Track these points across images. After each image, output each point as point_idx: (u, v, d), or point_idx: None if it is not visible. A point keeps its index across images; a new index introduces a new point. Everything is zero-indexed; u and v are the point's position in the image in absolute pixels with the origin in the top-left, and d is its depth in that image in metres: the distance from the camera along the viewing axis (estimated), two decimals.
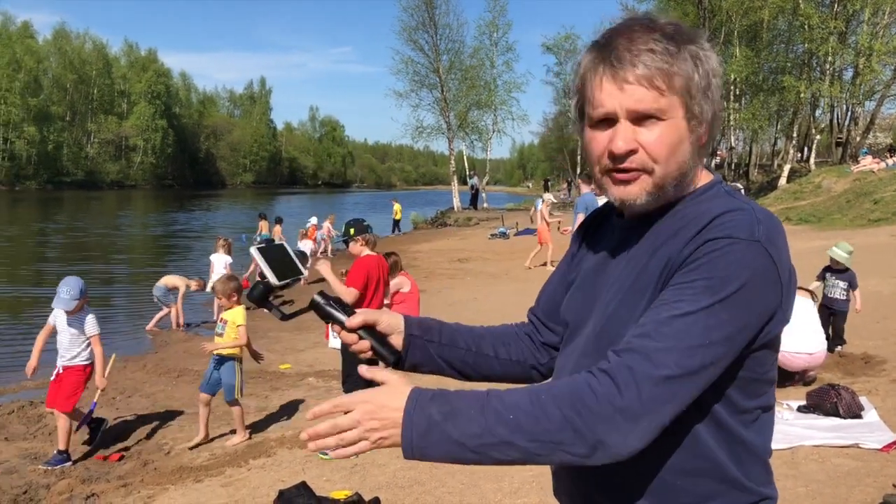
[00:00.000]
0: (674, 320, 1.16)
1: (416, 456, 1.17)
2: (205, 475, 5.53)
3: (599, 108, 1.26)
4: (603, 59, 1.26)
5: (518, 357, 1.63)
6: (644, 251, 1.32)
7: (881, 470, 4.54)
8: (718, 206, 1.25)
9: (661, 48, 1.23)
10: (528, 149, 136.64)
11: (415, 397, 1.19)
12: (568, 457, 1.14)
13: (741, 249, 1.18)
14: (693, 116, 1.27)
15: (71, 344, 6.14)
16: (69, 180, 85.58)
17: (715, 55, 1.29)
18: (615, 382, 1.13)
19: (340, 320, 1.45)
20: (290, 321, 1.64)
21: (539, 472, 4.80)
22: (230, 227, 33.14)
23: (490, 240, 24.98)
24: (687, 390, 1.16)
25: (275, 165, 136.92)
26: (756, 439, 1.31)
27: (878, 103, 32.06)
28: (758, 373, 1.28)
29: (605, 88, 1.25)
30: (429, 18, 42.53)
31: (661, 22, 1.28)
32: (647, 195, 1.28)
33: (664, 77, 1.23)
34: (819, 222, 20.74)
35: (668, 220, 1.32)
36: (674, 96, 1.24)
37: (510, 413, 1.14)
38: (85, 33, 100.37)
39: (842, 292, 7.72)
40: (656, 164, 1.26)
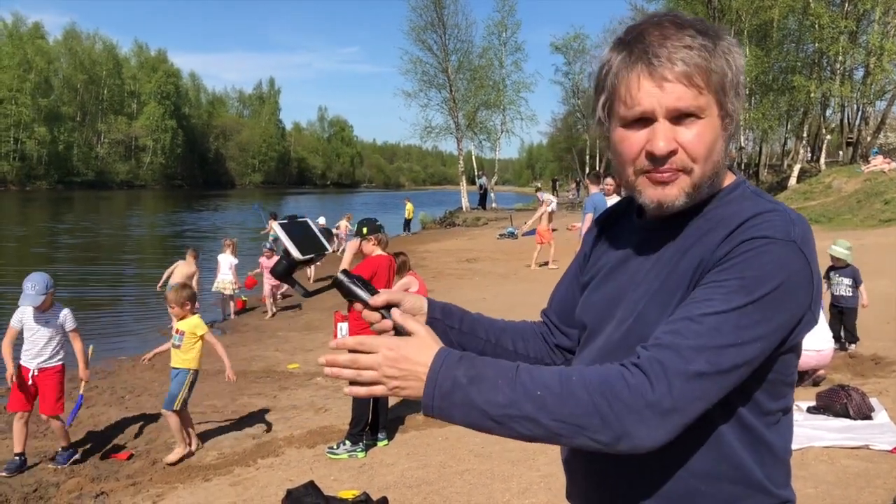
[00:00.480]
0: (706, 318, 1.14)
1: (434, 414, 1.17)
2: (213, 474, 5.55)
3: (636, 106, 1.22)
4: (638, 56, 1.21)
5: (535, 354, 1.61)
6: (674, 252, 1.29)
7: (891, 471, 4.51)
8: (751, 207, 1.24)
9: (697, 44, 1.20)
10: (537, 149, 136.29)
11: (443, 356, 1.19)
12: (589, 442, 1.13)
13: (778, 250, 1.16)
14: (727, 114, 1.25)
15: (46, 343, 5.93)
16: (79, 180, 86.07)
17: (742, 52, 1.27)
18: (647, 376, 1.12)
19: (364, 298, 1.44)
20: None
21: (547, 473, 4.79)
22: (237, 227, 33.23)
23: (499, 240, 24.96)
24: (717, 388, 1.15)
25: (284, 165, 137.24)
26: (778, 441, 1.30)
27: (888, 103, 31.89)
28: (783, 374, 1.27)
29: (644, 86, 1.21)
30: (437, 18, 42.59)
31: (688, 18, 1.25)
32: (685, 196, 1.25)
33: (703, 74, 1.20)
34: (830, 222, 20.64)
35: (697, 221, 1.30)
36: (711, 94, 1.21)
37: (538, 390, 1.13)
38: (95, 34, 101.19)
39: (847, 289, 7.71)
40: (695, 163, 1.23)
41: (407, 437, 6.02)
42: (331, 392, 7.63)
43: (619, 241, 1.45)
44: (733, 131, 1.28)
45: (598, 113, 1.31)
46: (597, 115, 1.32)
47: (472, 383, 1.15)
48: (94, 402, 7.70)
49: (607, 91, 1.27)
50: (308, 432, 6.28)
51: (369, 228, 5.99)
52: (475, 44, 44.96)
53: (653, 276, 1.32)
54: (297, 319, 12.40)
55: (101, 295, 15.70)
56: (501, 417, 1.14)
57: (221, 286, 13.80)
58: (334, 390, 7.64)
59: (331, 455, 5.62)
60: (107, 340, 11.46)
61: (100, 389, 8.16)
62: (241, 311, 14.24)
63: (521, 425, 1.14)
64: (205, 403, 7.53)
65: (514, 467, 4.98)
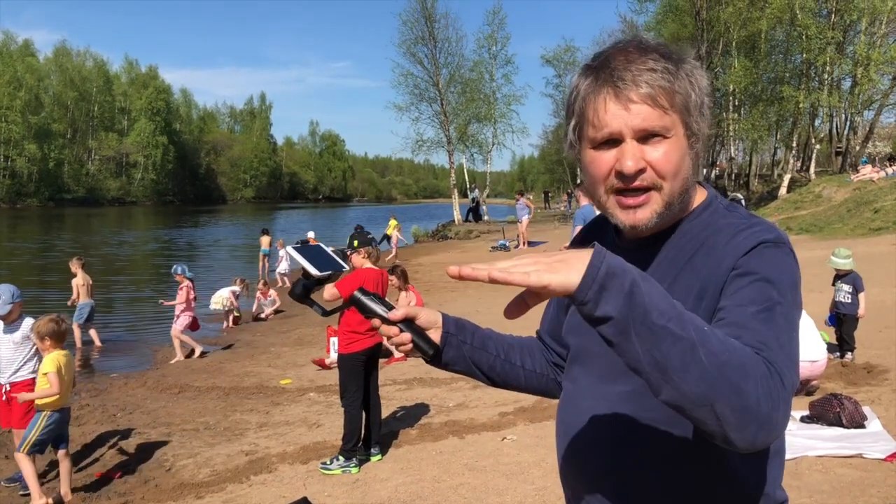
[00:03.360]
0: (751, 319, 1.13)
1: (591, 292, 1.01)
2: (206, 492, 5.50)
3: (604, 128, 1.25)
4: (604, 80, 1.25)
5: (541, 370, 1.65)
6: (662, 275, 1.28)
7: (885, 480, 4.51)
8: (734, 220, 1.30)
9: (660, 67, 1.24)
10: (529, 161, 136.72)
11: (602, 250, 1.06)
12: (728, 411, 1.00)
13: (776, 251, 1.23)
14: (692, 133, 1.28)
15: (13, 357, 5.83)
16: (70, 197, 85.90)
17: (705, 74, 1.32)
18: (777, 362, 1.08)
19: (381, 314, 1.45)
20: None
21: (541, 487, 4.78)
22: (229, 246, 33.15)
23: (491, 252, 24.97)
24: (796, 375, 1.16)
25: (275, 180, 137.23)
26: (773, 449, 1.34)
27: (876, 112, 32.12)
28: None
29: (610, 109, 1.24)
30: (428, 32, 42.70)
31: (652, 43, 1.30)
32: (657, 216, 1.28)
33: (667, 95, 1.24)
34: (820, 231, 20.72)
35: (677, 241, 1.33)
36: (675, 114, 1.25)
37: (705, 326, 1.04)
38: (86, 51, 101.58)
39: (846, 295, 7.67)
40: (664, 181, 1.26)
41: (400, 451, 5.99)
42: (323, 408, 7.59)
43: None
44: (700, 150, 1.32)
45: (570, 136, 1.35)
46: (568, 138, 1.35)
47: (645, 280, 1.04)
48: (86, 420, 7.64)
49: (577, 115, 1.31)
50: (301, 448, 6.25)
51: (360, 241, 5.99)
52: (466, 57, 45.10)
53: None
54: (289, 335, 12.36)
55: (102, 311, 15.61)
56: (660, 328, 0.99)
57: (215, 301, 13.93)
58: (327, 406, 7.60)
59: (324, 471, 5.59)
60: (98, 358, 11.41)
61: (91, 407, 8.10)
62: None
63: (673, 346, 0.99)
64: (197, 420, 7.48)
65: (508, 481, 4.97)
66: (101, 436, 7.04)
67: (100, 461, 6.46)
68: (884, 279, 11.58)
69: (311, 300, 1.62)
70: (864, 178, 24.51)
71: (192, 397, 8.49)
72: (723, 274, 1.23)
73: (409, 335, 1.43)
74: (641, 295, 1.00)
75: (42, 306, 13.13)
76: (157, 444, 6.76)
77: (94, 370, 10.63)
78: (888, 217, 19.64)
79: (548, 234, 29.02)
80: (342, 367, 5.89)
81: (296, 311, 15.06)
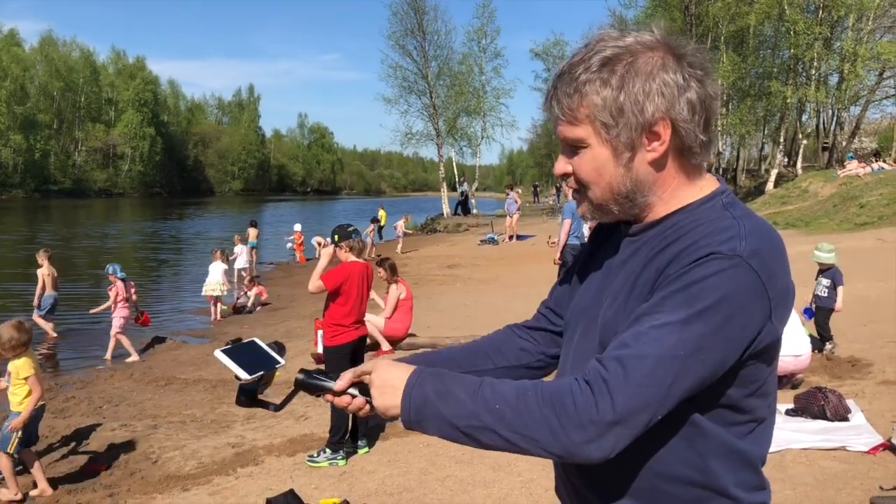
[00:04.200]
0: (651, 331, 1.19)
1: (413, 427, 1.30)
2: (192, 484, 5.49)
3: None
4: (549, 90, 1.39)
5: (517, 361, 1.65)
6: (639, 263, 1.35)
7: (868, 472, 4.56)
8: (709, 221, 1.29)
9: (573, 84, 1.32)
10: (518, 155, 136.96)
11: (416, 374, 1.31)
12: (545, 453, 1.21)
13: (720, 265, 1.19)
14: (612, 139, 1.31)
15: None
16: (56, 189, 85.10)
17: (662, 70, 1.30)
18: (592, 392, 1.18)
19: (329, 388, 1.44)
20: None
21: (528, 479, 4.80)
22: (214, 238, 33.00)
23: (480, 246, 25.00)
24: (660, 401, 1.18)
25: (263, 172, 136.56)
26: (751, 447, 1.33)
27: (863, 108, 32.35)
28: (750, 386, 1.29)
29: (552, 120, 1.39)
30: (417, 25, 42.59)
31: (600, 45, 1.33)
32: (591, 213, 1.41)
33: (572, 110, 1.32)
34: (807, 226, 20.85)
35: (661, 233, 1.34)
36: (587, 125, 1.32)
37: (497, 403, 1.23)
38: (72, 41, 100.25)
39: (823, 289, 7.78)
40: (587, 186, 1.37)
41: (388, 444, 6.00)
42: (311, 400, 7.58)
43: (608, 249, 1.50)
44: (654, 148, 1.31)
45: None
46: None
47: (441, 398, 1.26)
48: (72, 412, 7.61)
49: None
50: (288, 440, 6.24)
51: (340, 235, 5.97)
52: (455, 50, 45.01)
53: (620, 285, 1.37)
54: (276, 327, 12.34)
55: (77, 305, 15.53)
56: (466, 429, 1.24)
57: (210, 289, 13.88)
58: (314, 398, 7.59)
59: (311, 463, 5.59)
60: (84, 350, 11.35)
61: (77, 399, 8.06)
62: (235, 313, 14.35)
63: (485, 436, 1.24)
64: (184, 412, 7.47)
65: (495, 473, 4.98)
66: (87, 428, 7.01)
67: (85, 453, 6.43)
68: (869, 273, 11.68)
69: (260, 401, 1.55)
70: (850, 174, 24.68)
71: (179, 389, 8.46)
72: (664, 276, 1.25)
73: (362, 399, 1.40)
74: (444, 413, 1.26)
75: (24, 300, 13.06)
76: (144, 437, 6.74)
77: (80, 362, 10.57)
78: (873, 212, 19.81)
79: (536, 227, 29.07)
80: (327, 359, 5.88)
81: (283, 304, 15.04)
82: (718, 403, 1.28)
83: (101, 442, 6.66)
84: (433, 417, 1.27)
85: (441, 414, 1.26)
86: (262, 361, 1.58)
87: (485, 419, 1.23)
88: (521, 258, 20.07)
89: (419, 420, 1.28)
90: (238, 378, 1.50)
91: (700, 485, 1.30)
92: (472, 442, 1.25)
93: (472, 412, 1.24)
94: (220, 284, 13.93)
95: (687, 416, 1.27)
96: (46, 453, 6.39)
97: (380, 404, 1.33)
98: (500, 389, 1.25)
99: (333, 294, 5.78)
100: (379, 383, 1.34)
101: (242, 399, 1.53)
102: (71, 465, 6.17)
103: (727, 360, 1.21)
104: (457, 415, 1.25)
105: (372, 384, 1.35)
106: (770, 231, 1.29)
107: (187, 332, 12.68)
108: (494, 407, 1.22)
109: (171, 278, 21.07)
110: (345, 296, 5.77)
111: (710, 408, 1.28)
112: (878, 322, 8.73)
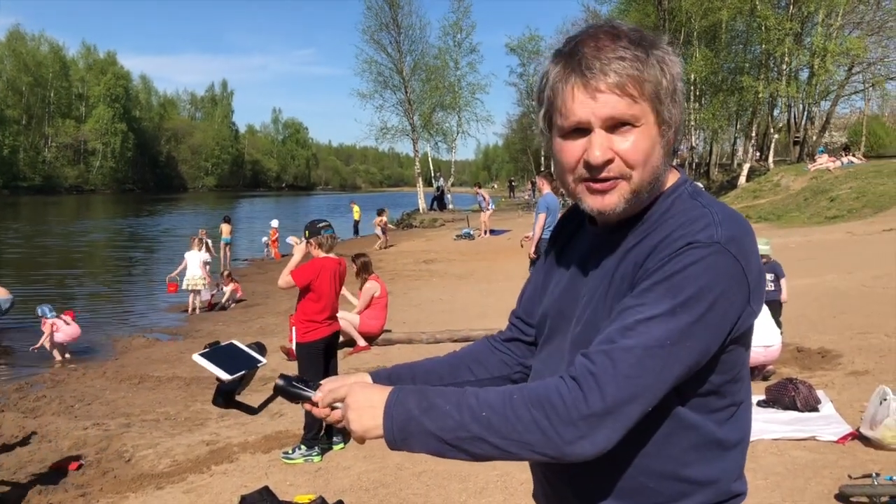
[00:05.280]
0: (637, 325, 1.18)
1: (398, 446, 1.25)
2: (166, 482, 5.44)
3: (572, 117, 1.25)
4: (573, 68, 1.25)
5: (499, 373, 1.61)
6: (613, 258, 1.33)
7: (837, 461, 4.63)
8: (681, 214, 1.27)
9: (630, 55, 1.23)
10: (493, 150, 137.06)
11: (395, 393, 1.27)
12: (537, 456, 1.18)
13: (700, 253, 1.19)
14: (664, 121, 1.27)
15: None
16: (26, 185, 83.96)
17: (678, 59, 1.30)
18: (581, 387, 1.16)
19: (308, 397, 1.42)
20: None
21: (504, 472, 4.81)
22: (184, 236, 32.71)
23: (455, 241, 25.02)
24: (650, 391, 1.17)
25: (237, 168, 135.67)
26: (731, 435, 1.33)
27: (832, 103, 32.84)
28: (729, 372, 1.29)
29: (578, 98, 1.24)
30: (392, 19, 42.44)
31: (624, 28, 1.28)
32: (624, 202, 1.28)
33: (635, 84, 1.23)
34: (778, 220, 21.12)
35: (632, 226, 1.33)
36: (645, 103, 1.24)
37: (483, 411, 1.19)
38: (41, 35, 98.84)
39: (769, 283, 7.84)
40: (633, 170, 1.26)
41: None
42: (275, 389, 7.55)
43: (575, 247, 1.48)
44: (673, 137, 1.30)
45: (540, 124, 1.35)
46: (538, 126, 1.35)
47: (424, 413, 1.22)
48: (42, 411, 7.50)
49: (546, 103, 1.31)
50: (263, 437, 6.21)
51: (310, 231, 5.94)
52: (430, 44, 44.95)
53: (597, 282, 1.35)
54: (250, 324, 12.26)
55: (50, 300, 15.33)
56: (454, 441, 1.20)
57: (192, 283, 13.77)
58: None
59: (286, 460, 5.56)
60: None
61: (48, 399, 7.95)
62: (209, 309, 14.18)
63: (475, 446, 1.20)
64: (158, 410, 7.40)
65: (471, 467, 4.98)
66: (58, 427, 6.91)
67: (56, 452, 6.34)
68: (839, 266, 11.86)
69: (237, 403, 1.54)
70: (820, 168, 25.03)
71: (152, 387, 8.38)
72: (643, 269, 1.24)
73: (340, 410, 1.38)
74: (429, 428, 1.21)
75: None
76: (117, 435, 6.67)
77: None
78: (843, 206, 20.12)
79: (511, 222, 29.15)
80: (300, 356, 5.86)
81: (257, 301, 14.94)
82: (700, 391, 1.27)
83: (73, 441, 6.57)
84: (418, 434, 1.22)
85: (426, 429, 1.21)
86: (242, 362, 1.56)
87: (472, 429, 1.19)
88: (497, 253, 20.11)
89: (405, 438, 1.23)
90: (219, 379, 1.48)
91: (684, 479, 1.30)
92: (462, 454, 1.21)
93: (458, 423, 1.20)
94: (202, 279, 13.85)
95: (670, 409, 1.26)
96: (16, 452, 6.29)
97: (358, 427, 1.28)
98: (484, 397, 1.21)
99: (305, 290, 5.75)
100: (356, 405, 1.28)
101: (220, 400, 1.51)
102: (41, 465, 6.07)
103: (712, 346, 1.21)
104: (443, 428, 1.20)
105: (348, 408, 1.29)
106: (739, 216, 1.29)
107: (160, 330, 12.55)
108: (481, 415, 1.19)
109: (143, 275, 20.82)
110: (317, 292, 5.74)
111: (692, 396, 1.27)
112: (848, 314, 8.86)
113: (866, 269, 11.38)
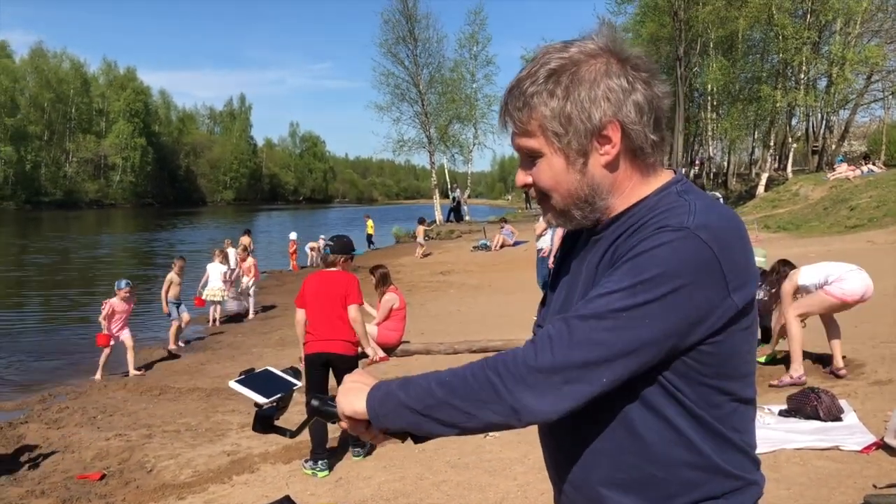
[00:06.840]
0: (597, 297, 1.25)
1: (381, 422, 1.32)
2: (188, 492, 5.48)
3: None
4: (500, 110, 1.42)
5: None
6: (598, 255, 1.39)
7: (861, 471, 4.58)
8: (664, 205, 1.32)
9: (521, 98, 1.34)
10: (509, 161, 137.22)
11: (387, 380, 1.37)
12: (493, 416, 1.24)
13: (667, 237, 1.23)
14: (564, 147, 1.34)
15: None
16: (48, 200, 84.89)
17: (606, 76, 1.32)
18: (535, 347, 1.24)
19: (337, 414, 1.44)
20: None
21: (524, 483, 4.80)
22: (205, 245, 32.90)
23: (472, 252, 25.01)
24: (603, 361, 1.21)
25: (255, 182, 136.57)
26: (734, 433, 1.34)
27: (851, 111, 32.60)
28: (722, 367, 1.29)
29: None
30: (409, 32, 42.65)
31: (546, 58, 1.35)
32: (555, 219, 1.43)
33: (524, 123, 1.35)
34: (797, 230, 20.94)
35: (619, 226, 1.37)
36: (539, 136, 1.35)
37: (447, 376, 1.28)
38: (62, 52, 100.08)
39: (766, 295, 7.87)
40: (548, 194, 1.39)
41: (384, 449, 5.99)
42: (304, 406, 7.56)
43: (574, 252, 1.53)
44: (605, 152, 1.33)
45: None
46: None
47: (401, 387, 1.32)
48: (65, 422, 7.58)
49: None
50: (283, 448, 6.23)
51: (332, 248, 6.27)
52: (447, 57, 45.08)
53: (585, 279, 1.41)
54: (270, 335, 12.32)
55: (68, 315, 15.50)
56: (425, 409, 1.28)
57: (211, 294, 13.87)
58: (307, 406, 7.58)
59: (306, 470, 5.58)
60: (79, 359, 11.29)
61: (71, 410, 8.04)
62: (228, 320, 14.29)
63: (442, 412, 1.27)
64: (178, 421, 7.45)
65: (491, 477, 4.99)
66: (81, 438, 6.99)
67: (80, 463, 6.41)
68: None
69: (276, 427, 1.58)
70: (840, 177, 24.82)
71: (173, 399, 8.45)
72: (616, 257, 1.30)
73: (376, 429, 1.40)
74: (403, 400, 1.29)
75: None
76: (138, 446, 6.73)
77: (74, 372, 10.52)
78: (864, 214, 19.91)
79: (528, 233, 29.06)
80: (304, 367, 5.89)
81: (277, 313, 15.02)
82: (695, 385, 1.28)
83: (96, 452, 6.63)
84: (395, 406, 1.30)
85: (401, 401, 1.29)
86: (278, 385, 1.62)
87: (437, 394, 1.27)
88: (514, 264, 20.08)
89: (385, 413, 1.31)
90: (257, 405, 1.53)
91: (693, 466, 1.31)
92: (434, 424, 1.28)
93: (426, 390, 1.28)
94: (222, 290, 13.96)
95: (668, 400, 1.29)
96: (40, 463, 6.37)
97: (346, 404, 1.36)
98: (457, 368, 1.30)
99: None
100: (345, 390, 1.38)
101: (258, 426, 1.56)
102: (65, 476, 6.14)
103: (680, 329, 1.22)
104: (414, 397, 1.28)
105: (340, 393, 1.39)
106: (727, 212, 1.31)
107: (181, 342, 12.63)
108: (445, 379, 1.28)
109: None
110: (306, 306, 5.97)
111: (687, 389, 1.28)
112: (870, 323, 8.77)
113: (888, 278, 11.25)
